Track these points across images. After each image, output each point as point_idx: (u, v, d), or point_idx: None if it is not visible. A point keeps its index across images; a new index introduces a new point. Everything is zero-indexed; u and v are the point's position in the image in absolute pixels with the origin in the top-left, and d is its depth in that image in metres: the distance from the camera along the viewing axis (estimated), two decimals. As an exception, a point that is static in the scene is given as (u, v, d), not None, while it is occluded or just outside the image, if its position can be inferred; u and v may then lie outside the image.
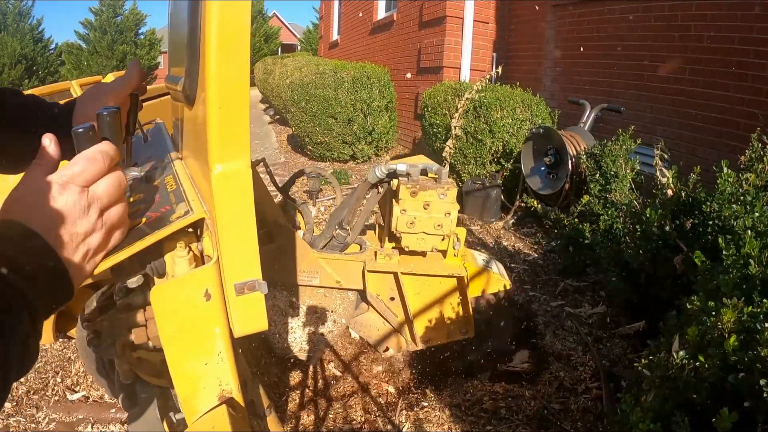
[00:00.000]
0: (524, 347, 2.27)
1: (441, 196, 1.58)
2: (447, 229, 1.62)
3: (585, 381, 1.98)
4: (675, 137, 3.42)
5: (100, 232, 0.55)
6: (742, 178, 1.74)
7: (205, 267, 0.68)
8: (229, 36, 0.60)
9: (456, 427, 1.77)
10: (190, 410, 0.74)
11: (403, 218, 1.60)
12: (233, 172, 0.65)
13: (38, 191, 0.50)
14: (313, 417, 1.91)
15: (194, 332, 0.71)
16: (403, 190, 1.58)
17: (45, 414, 1.98)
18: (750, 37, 2.93)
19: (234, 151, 0.65)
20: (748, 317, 1.00)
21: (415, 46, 6.29)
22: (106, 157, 0.56)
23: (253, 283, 0.70)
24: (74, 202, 0.52)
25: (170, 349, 0.70)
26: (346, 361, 2.20)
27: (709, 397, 0.99)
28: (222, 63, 0.61)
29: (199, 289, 0.68)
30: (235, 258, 0.68)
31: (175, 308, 0.68)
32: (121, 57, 18.36)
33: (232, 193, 0.66)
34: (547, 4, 4.77)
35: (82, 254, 0.53)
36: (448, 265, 1.78)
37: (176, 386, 0.73)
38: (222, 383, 0.74)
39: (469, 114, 4.12)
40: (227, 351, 0.73)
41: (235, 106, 0.63)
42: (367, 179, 1.73)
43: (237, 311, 0.71)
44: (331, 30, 11.42)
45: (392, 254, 1.77)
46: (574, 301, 2.60)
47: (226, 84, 0.62)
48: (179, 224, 0.68)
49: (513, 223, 3.80)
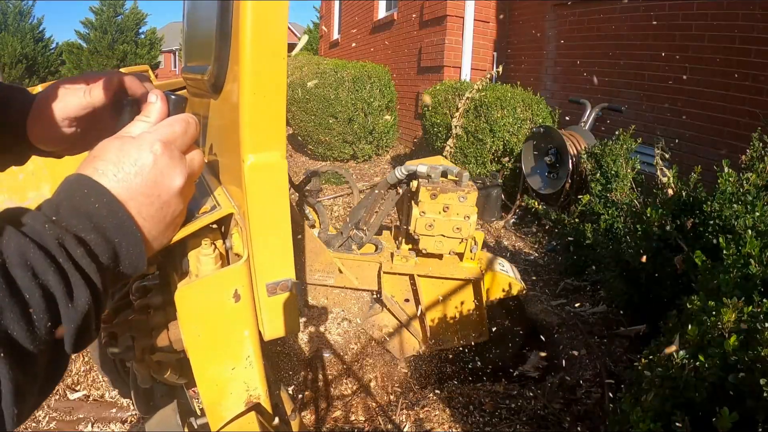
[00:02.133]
0: (535, 350, 2.26)
1: (461, 199, 1.57)
2: (466, 232, 1.61)
3: (586, 381, 1.98)
4: (675, 137, 3.42)
5: (184, 203, 0.51)
6: (743, 177, 1.73)
7: (235, 266, 0.63)
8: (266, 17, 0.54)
9: (456, 426, 1.77)
10: (216, 416, 0.70)
11: (423, 220, 1.59)
12: (268, 164, 0.60)
13: (133, 145, 0.46)
14: (314, 417, 1.91)
15: (222, 335, 0.66)
16: (423, 191, 1.57)
17: (45, 414, 1.98)
18: (750, 36, 2.93)
19: (268, 141, 0.59)
20: (748, 317, 1.00)
21: (416, 46, 6.29)
22: (197, 126, 0.52)
23: (287, 282, 0.66)
24: (174, 166, 0.48)
25: (195, 353, 0.66)
26: (346, 361, 2.20)
27: (709, 397, 0.99)
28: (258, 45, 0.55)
29: (228, 290, 0.63)
30: (269, 256, 0.64)
31: (201, 310, 0.63)
32: (122, 56, 18.35)
33: (265, 186, 0.60)
34: (547, 4, 4.77)
35: (166, 224, 0.49)
36: (464, 269, 1.76)
37: (201, 391, 0.68)
38: (249, 388, 0.70)
39: (470, 113, 4.12)
40: (256, 355, 0.68)
41: (270, 92, 0.57)
42: (386, 179, 1.73)
43: (268, 313, 0.67)
44: (331, 29, 11.42)
45: (409, 256, 1.76)
46: (575, 300, 2.60)
47: (261, 68, 0.56)
48: (207, 219, 0.62)
49: (513, 223, 3.80)
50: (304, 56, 9.90)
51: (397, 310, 1.89)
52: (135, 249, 0.44)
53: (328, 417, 1.92)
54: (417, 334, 1.94)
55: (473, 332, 1.90)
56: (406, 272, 1.78)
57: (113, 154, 0.45)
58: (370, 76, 5.89)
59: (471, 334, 1.91)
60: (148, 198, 0.46)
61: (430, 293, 1.82)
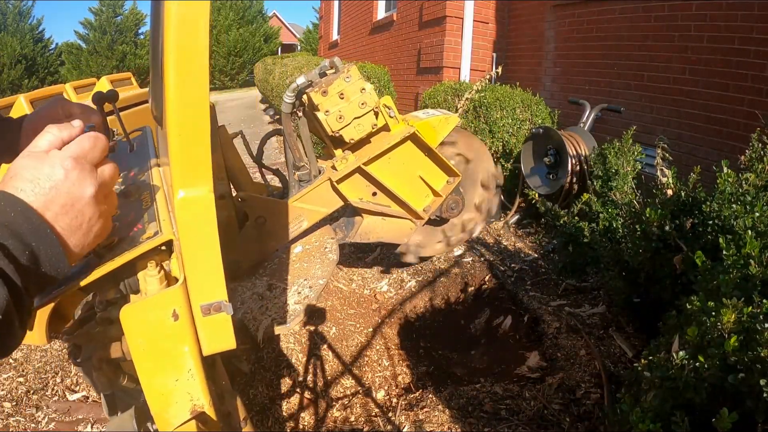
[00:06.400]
0: (533, 350, 2.26)
1: (347, 79, 1.66)
2: (371, 101, 1.70)
3: (585, 381, 1.98)
4: (675, 137, 3.42)
5: (103, 214, 0.57)
6: (742, 178, 1.73)
7: (172, 288, 0.70)
8: (187, 62, 0.61)
9: (456, 427, 1.77)
10: (163, 423, 0.76)
11: (331, 117, 1.67)
12: (195, 198, 0.67)
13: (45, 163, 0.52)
14: (313, 417, 1.91)
15: (164, 350, 0.72)
16: (314, 95, 1.66)
17: (45, 414, 1.98)
18: (750, 37, 2.93)
19: (195, 178, 0.67)
20: (748, 317, 1.00)
21: (415, 46, 6.29)
22: (105, 141, 0.59)
23: (219, 304, 0.72)
24: (84, 178, 0.54)
25: (141, 365, 0.72)
26: (346, 361, 2.20)
27: (709, 397, 0.99)
28: (180, 90, 0.62)
29: (166, 310, 0.70)
30: (201, 280, 0.71)
31: (143, 328, 0.70)
32: (121, 57, 18.35)
33: (195, 219, 0.68)
34: (546, 4, 4.77)
35: (84, 230, 0.54)
36: (396, 134, 1.85)
37: (148, 401, 0.74)
38: (193, 398, 0.76)
39: (469, 114, 4.12)
40: (197, 368, 0.75)
41: (194, 133, 0.64)
42: (283, 112, 1.80)
43: (204, 331, 0.74)
44: (330, 30, 11.42)
45: (346, 155, 1.82)
46: (575, 301, 2.60)
47: (185, 111, 0.63)
48: (146, 246, 0.70)
49: (513, 223, 3.81)
50: (303, 57, 9.90)
51: (372, 207, 1.94)
52: (53, 250, 0.50)
53: (328, 417, 1.92)
54: (403, 213, 1.98)
55: (446, 179, 1.99)
56: (353, 169, 1.83)
57: (29, 173, 0.51)
58: (369, 76, 5.89)
59: (445, 182, 1.99)
60: (63, 207, 0.52)
61: (385, 173, 1.89)
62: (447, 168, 1.95)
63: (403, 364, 2.30)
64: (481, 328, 2.65)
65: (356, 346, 2.33)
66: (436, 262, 3.09)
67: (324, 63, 1.72)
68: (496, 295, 2.82)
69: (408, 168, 1.92)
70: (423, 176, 1.95)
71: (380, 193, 1.93)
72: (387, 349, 2.38)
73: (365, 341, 2.39)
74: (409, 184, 1.95)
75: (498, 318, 2.64)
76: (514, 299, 2.71)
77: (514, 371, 2.14)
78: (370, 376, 2.18)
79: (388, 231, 2.04)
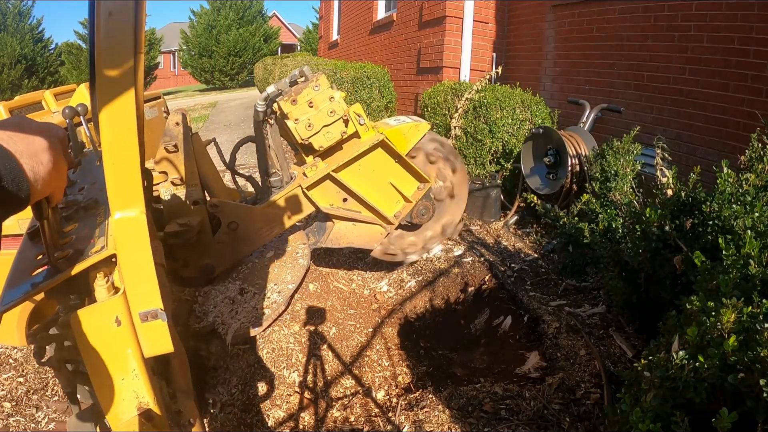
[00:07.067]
0: (533, 350, 2.26)
1: (315, 88, 1.67)
2: (340, 109, 1.71)
3: (585, 381, 1.98)
4: (675, 137, 3.42)
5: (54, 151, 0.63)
6: (742, 178, 1.73)
7: (115, 297, 0.79)
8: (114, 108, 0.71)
9: (456, 427, 1.77)
10: (113, 419, 0.83)
11: (300, 125, 1.69)
12: (129, 219, 0.77)
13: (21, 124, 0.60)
14: (313, 417, 1.91)
15: (109, 352, 0.80)
16: (284, 104, 1.68)
17: (45, 414, 1.98)
18: (750, 37, 2.93)
19: (129, 201, 0.77)
20: (747, 317, 1.00)
21: (415, 46, 6.29)
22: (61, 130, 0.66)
23: (155, 311, 0.80)
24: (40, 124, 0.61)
25: (90, 366, 0.80)
26: (346, 361, 2.20)
27: (709, 397, 0.99)
28: (110, 122, 0.72)
29: (110, 316, 0.78)
30: (137, 290, 0.79)
31: (90, 332, 0.78)
32: (121, 57, 18.31)
33: (129, 237, 0.78)
34: (546, 5, 4.77)
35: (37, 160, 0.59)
36: (366, 141, 1.86)
37: (99, 398, 0.81)
38: (139, 396, 0.83)
39: (469, 114, 4.12)
40: (140, 368, 0.82)
41: (126, 162, 0.75)
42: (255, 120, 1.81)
43: (144, 336, 0.82)
44: (330, 30, 11.42)
45: (316, 162, 1.84)
46: (575, 301, 2.60)
47: (116, 146, 0.74)
48: (93, 259, 0.79)
49: (513, 223, 3.81)
50: (303, 57, 9.90)
51: (342, 213, 1.96)
52: (10, 165, 0.54)
53: (328, 417, 1.92)
54: (374, 219, 1.98)
55: (416, 183, 1.99)
56: (322, 176, 1.84)
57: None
58: (369, 76, 5.89)
59: (416, 188, 1.99)
60: (18, 135, 0.58)
61: (355, 179, 1.90)
62: (417, 174, 1.96)
63: (403, 364, 2.30)
64: (481, 328, 2.65)
65: (356, 346, 2.33)
66: (436, 262, 3.09)
67: (294, 72, 1.74)
68: (496, 295, 2.82)
69: (378, 174, 1.93)
70: (393, 182, 1.96)
71: (351, 199, 1.94)
72: (387, 349, 2.38)
73: (365, 341, 2.39)
74: (380, 190, 1.96)
75: (498, 318, 2.64)
76: (514, 299, 2.71)
77: (514, 371, 2.14)
78: (370, 376, 2.18)
79: (358, 236, 2.05)
